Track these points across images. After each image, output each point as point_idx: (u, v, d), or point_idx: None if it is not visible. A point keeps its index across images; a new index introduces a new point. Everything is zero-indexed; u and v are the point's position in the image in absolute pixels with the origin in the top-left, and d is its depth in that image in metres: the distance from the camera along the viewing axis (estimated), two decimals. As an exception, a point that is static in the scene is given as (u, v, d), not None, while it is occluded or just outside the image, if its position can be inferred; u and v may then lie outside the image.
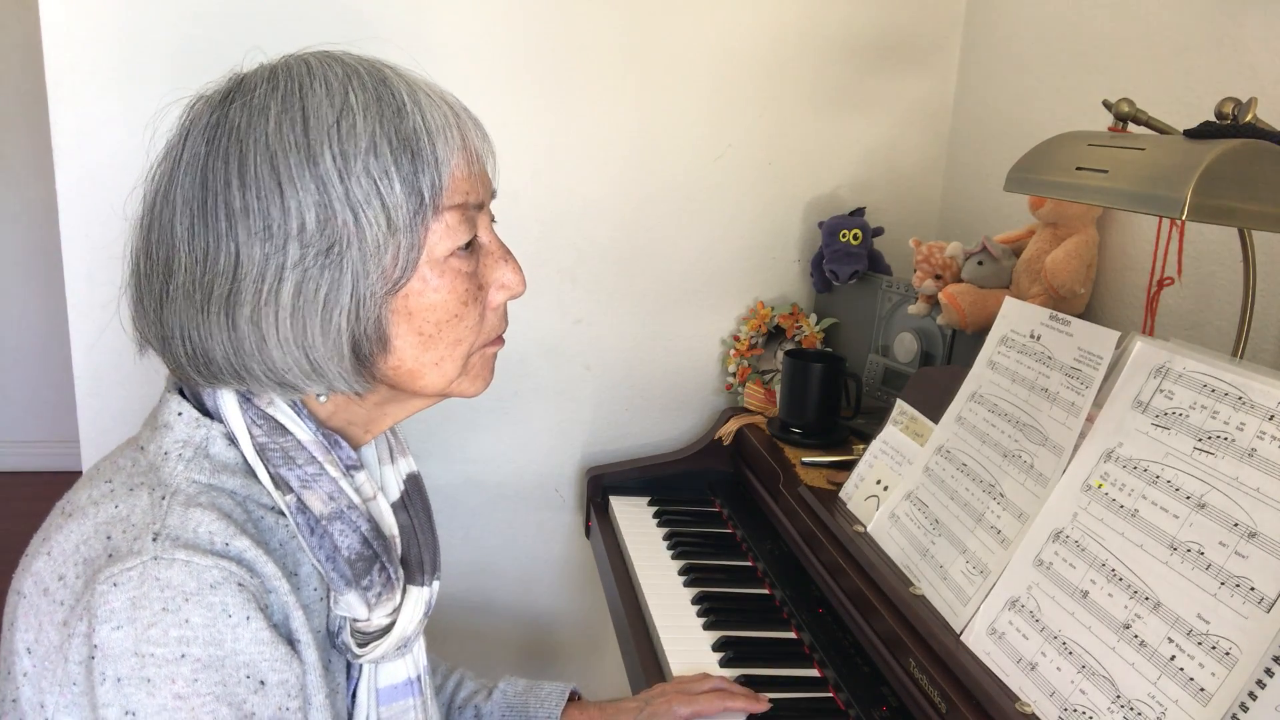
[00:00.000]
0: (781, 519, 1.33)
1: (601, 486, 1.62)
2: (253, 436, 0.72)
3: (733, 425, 1.60)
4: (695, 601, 1.25)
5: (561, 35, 1.51)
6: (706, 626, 1.19)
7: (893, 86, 1.66)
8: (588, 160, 1.57)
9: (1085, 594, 0.82)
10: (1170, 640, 0.74)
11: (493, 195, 0.80)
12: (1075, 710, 0.78)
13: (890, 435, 1.19)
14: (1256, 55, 1.07)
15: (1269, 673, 0.67)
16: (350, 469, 0.77)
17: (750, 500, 1.51)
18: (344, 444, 0.77)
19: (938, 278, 1.39)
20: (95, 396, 1.49)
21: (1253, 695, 0.67)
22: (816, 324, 1.65)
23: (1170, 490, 0.79)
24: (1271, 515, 0.71)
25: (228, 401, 0.73)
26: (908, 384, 1.23)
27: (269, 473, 0.72)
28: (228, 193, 0.67)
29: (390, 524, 0.80)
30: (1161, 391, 0.84)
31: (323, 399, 0.76)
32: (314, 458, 0.74)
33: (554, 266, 1.61)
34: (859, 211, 1.62)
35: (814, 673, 1.10)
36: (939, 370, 1.26)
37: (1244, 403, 0.77)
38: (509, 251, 0.80)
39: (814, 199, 1.68)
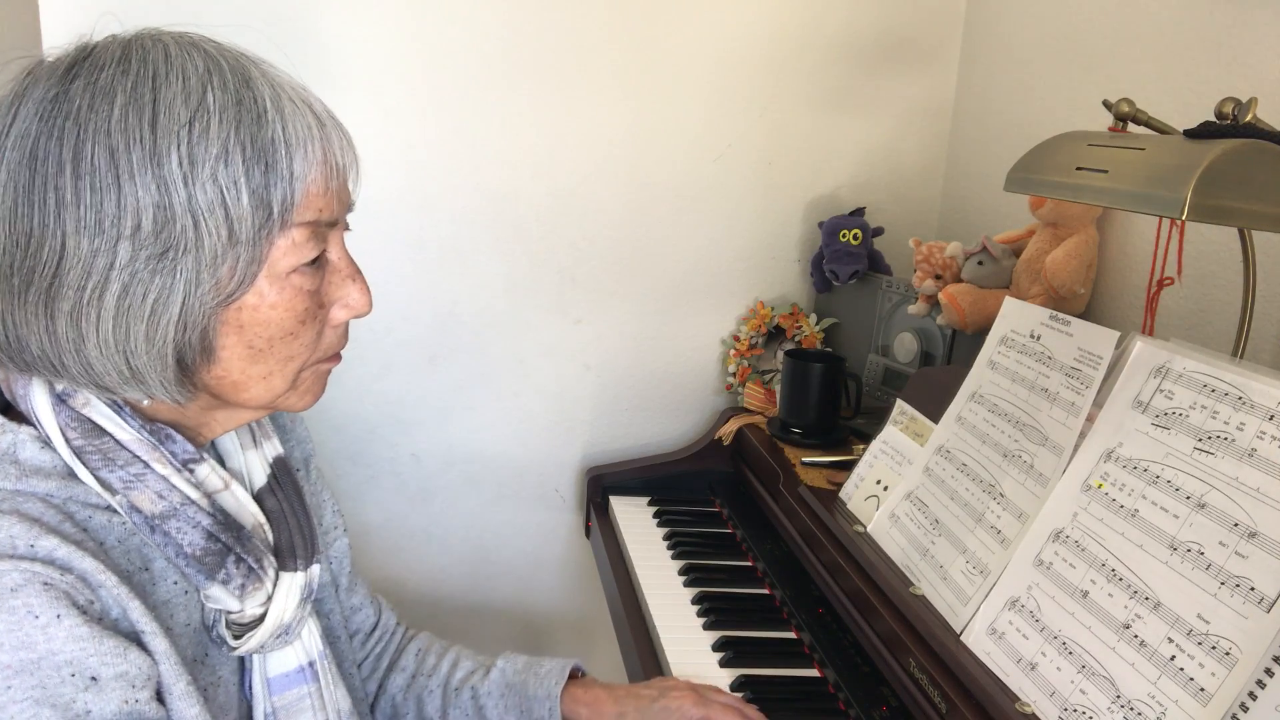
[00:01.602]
0: (781, 519, 1.33)
1: (601, 486, 1.62)
2: (68, 439, 0.69)
3: (733, 425, 1.60)
4: (695, 601, 1.25)
5: (561, 35, 1.51)
6: (706, 626, 1.19)
7: (893, 86, 1.66)
8: (588, 160, 1.57)
9: (1085, 594, 0.82)
10: (1170, 640, 0.74)
11: (350, 209, 0.76)
12: (1075, 710, 0.78)
13: (890, 435, 1.19)
14: (1256, 55, 1.07)
15: (1269, 673, 0.67)
16: (187, 463, 0.73)
17: (750, 500, 1.51)
18: (178, 438, 0.73)
19: (938, 278, 1.39)
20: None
21: (1253, 695, 0.67)
22: (816, 324, 1.65)
23: (1170, 490, 0.79)
24: (1271, 515, 0.71)
25: (40, 404, 0.70)
26: (908, 384, 1.23)
27: (91, 474, 0.69)
28: (59, 177, 0.63)
29: (252, 513, 0.78)
30: (1161, 391, 0.84)
31: (145, 402, 0.72)
32: (136, 457, 0.71)
33: (554, 266, 1.61)
34: (859, 211, 1.62)
35: (814, 673, 1.10)
36: (939, 370, 1.26)
37: (1244, 403, 0.77)
38: (358, 270, 0.76)
39: (814, 199, 1.68)
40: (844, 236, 1.55)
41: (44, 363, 0.68)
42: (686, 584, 1.30)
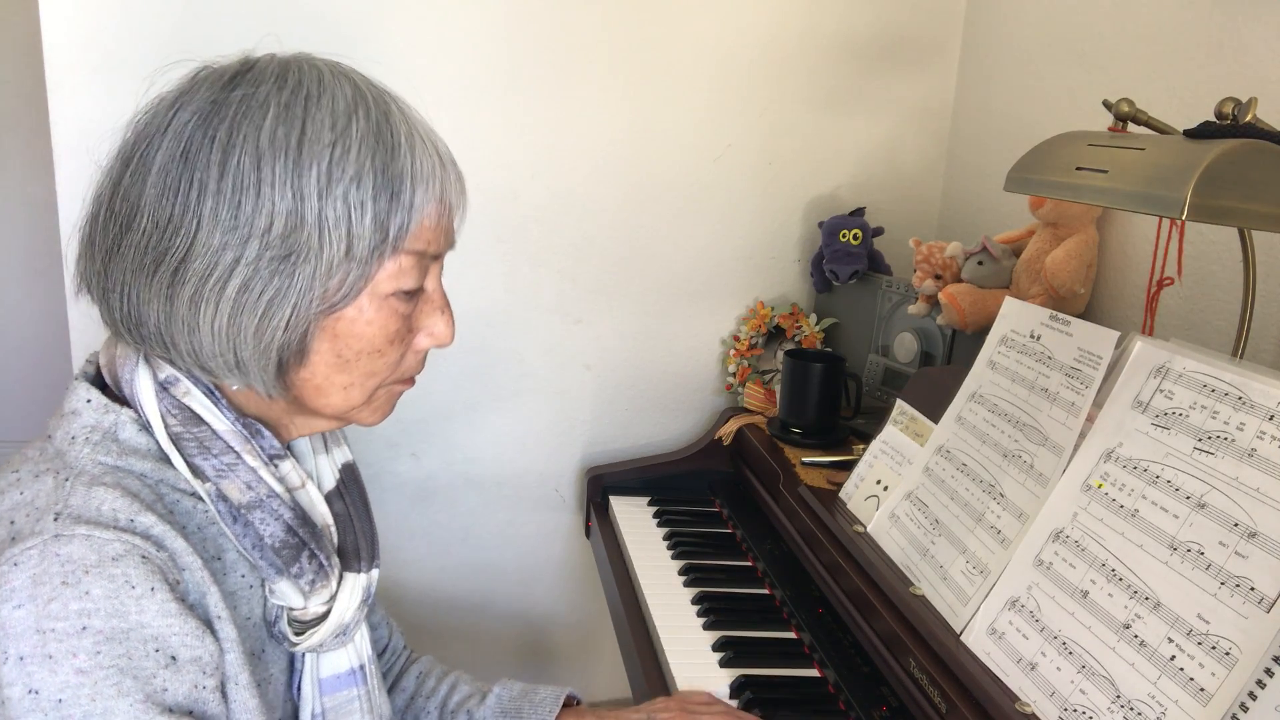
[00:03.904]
0: (781, 519, 1.33)
1: (601, 486, 1.62)
2: (167, 425, 0.73)
3: (733, 425, 1.60)
4: (695, 601, 1.25)
5: (561, 35, 1.51)
6: (706, 626, 1.19)
7: (893, 86, 1.66)
8: (588, 160, 1.57)
9: (1085, 594, 0.82)
10: (1170, 640, 0.74)
11: (451, 246, 0.81)
12: (1075, 710, 0.78)
13: (890, 435, 1.19)
14: (1256, 55, 1.07)
15: (1269, 673, 0.67)
16: (273, 458, 0.77)
17: (750, 500, 1.51)
18: (266, 433, 0.77)
19: (938, 278, 1.39)
20: (95, 396, 1.49)
21: (1253, 695, 0.67)
22: (816, 324, 1.65)
23: (1170, 490, 0.79)
24: (1271, 515, 0.71)
25: (144, 389, 0.73)
26: (908, 384, 1.23)
27: (185, 461, 0.73)
28: (206, 174, 0.68)
29: (323, 513, 0.81)
30: (1161, 391, 0.84)
31: (235, 387, 0.76)
32: (230, 447, 0.74)
33: (554, 266, 1.61)
34: (859, 211, 1.62)
35: (814, 673, 1.10)
36: (939, 370, 1.26)
37: (1244, 403, 0.77)
38: (448, 304, 0.82)
39: (814, 199, 1.68)
40: (844, 236, 1.55)
41: (157, 339, 0.71)
42: (686, 584, 1.30)
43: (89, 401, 0.74)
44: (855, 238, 1.55)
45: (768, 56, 1.60)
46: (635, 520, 1.51)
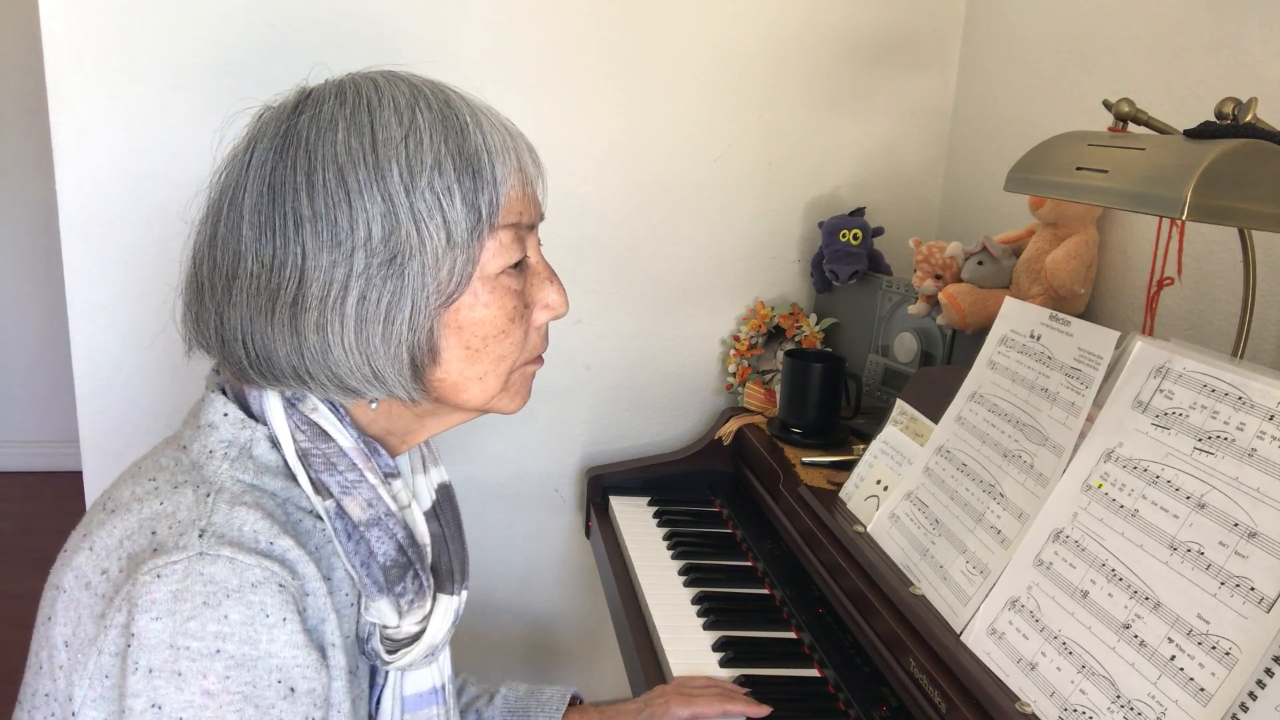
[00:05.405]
0: (781, 519, 1.33)
1: (601, 486, 1.62)
2: (296, 441, 0.74)
3: (733, 425, 1.60)
4: (695, 601, 1.25)
5: (561, 35, 1.51)
6: (706, 626, 1.19)
7: (893, 86, 1.66)
8: (587, 160, 1.57)
9: (1085, 594, 0.82)
10: (1170, 640, 0.74)
11: (541, 218, 0.82)
12: (1075, 710, 0.78)
13: (890, 435, 1.19)
14: (1256, 55, 1.07)
15: (1269, 673, 0.67)
16: (388, 477, 0.78)
17: (750, 500, 1.51)
18: (383, 452, 0.78)
19: (938, 278, 1.39)
20: (95, 396, 1.49)
21: (1253, 695, 0.67)
22: (816, 324, 1.65)
23: (1170, 490, 0.79)
24: (1271, 515, 0.71)
25: (273, 406, 0.74)
26: (908, 384, 1.23)
27: (310, 477, 0.73)
28: (296, 200, 0.69)
29: (423, 532, 0.81)
30: (1161, 391, 0.84)
31: (374, 406, 0.77)
32: (355, 464, 0.75)
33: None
34: (859, 211, 1.62)
35: (814, 673, 1.10)
36: (939, 370, 1.26)
37: (1244, 403, 0.77)
38: (555, 273, 0.83)
39: (814, 199, 1.68)
40: (844, 236, 1.55)
41: (290, 372, 0.72)
42: (686, 584, 1.30)
43: (226, 415, 0.74)
44: (855, 238, 1.55)
45: (767, 56, 1.60)
46: (635, 520, 1.51)
